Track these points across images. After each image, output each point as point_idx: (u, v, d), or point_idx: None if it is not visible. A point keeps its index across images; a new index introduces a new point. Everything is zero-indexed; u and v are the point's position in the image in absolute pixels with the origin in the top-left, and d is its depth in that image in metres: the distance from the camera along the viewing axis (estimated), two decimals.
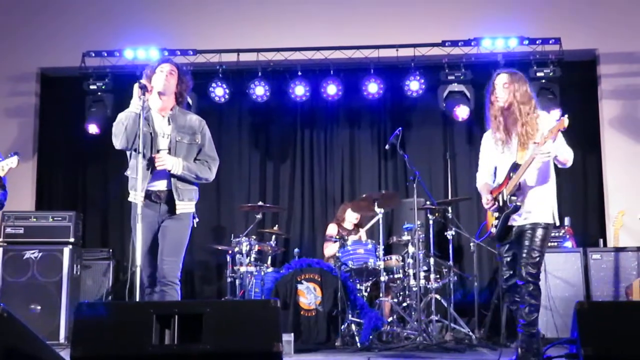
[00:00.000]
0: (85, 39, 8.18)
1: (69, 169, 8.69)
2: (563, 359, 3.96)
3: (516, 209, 4.43)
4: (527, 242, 4.39)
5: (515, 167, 4.46)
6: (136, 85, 4.38)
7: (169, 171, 4.40)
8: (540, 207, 4.46)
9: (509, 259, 4.56)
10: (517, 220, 4.50)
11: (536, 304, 4.32)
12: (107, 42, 8.07)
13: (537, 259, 4.36)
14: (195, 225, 4.62)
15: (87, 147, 8.33)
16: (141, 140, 4.25)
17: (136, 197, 4.32)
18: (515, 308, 4.53)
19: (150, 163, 4.36)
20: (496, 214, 4.60)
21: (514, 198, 4.43)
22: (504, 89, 4.52)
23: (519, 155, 4.48)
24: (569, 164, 4.49)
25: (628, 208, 7.21)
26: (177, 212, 4.43)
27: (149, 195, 4.42)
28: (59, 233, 7.02)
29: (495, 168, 4.72)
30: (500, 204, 4.55)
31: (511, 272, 4.53)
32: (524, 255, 4.37)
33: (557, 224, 4.57)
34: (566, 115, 4.18)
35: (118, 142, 4.44)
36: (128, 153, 4.55)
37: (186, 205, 4.50)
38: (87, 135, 7.88)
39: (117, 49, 7.97)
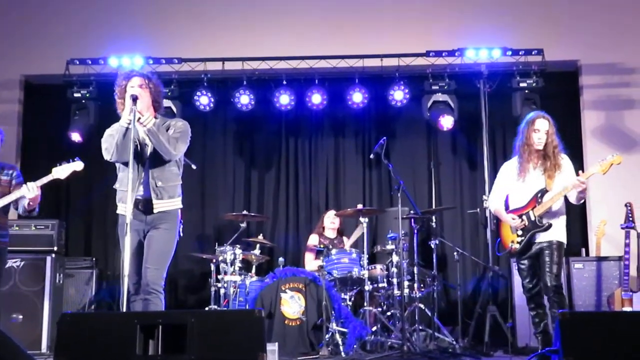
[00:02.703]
0: (69, 46, 8.15)
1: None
2: None
3: (548, 228, 5.10)
4: (548, 259, 5.07)
5: (543, 192, 5.15)
6: (128, 96, 4.42)
7: (144, 124, 4.43)
8: (558, 226, 5.17)
9: (531, 271, 5.22)
10: (539, 237, 5.16)
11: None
12: (92, 50, 8.04)
13: (558, 272, 5.05)
14: (182, 234, 4.62)
15: (70, 155, 8.15)
16: (132, 153, 4.28)
17: (125, 209, 4.32)
18: (535, 314, 5.20)
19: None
20: (520, 232, 5.21)
21: (545, 221, 5.11)
22: (545, 134, 5.18)
23: (548, 184, 5.16)
24: (579, 202, 5.22)
25: (610, 218, 7.27)
26: (156, 210, 4.46)
27: (136, 204, 4.46)
28: (42, 241, 6.97)
29: (507, 195, 5.39)
30: (527, 223, 5.18)
31: (533, 283, 5.20)
32: (548, 270, 5.04)
33: (566, 242, 5.23)
34: (618, 155, 5.02)
35: (109, 156, 4.49)
36: (117, 166, 4.59)
37: (167, 204, 4.52)
38: (70, 144, 7.83)
39: (102, 57, 7.94)
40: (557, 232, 5.16)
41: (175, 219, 4.59)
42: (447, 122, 7.82)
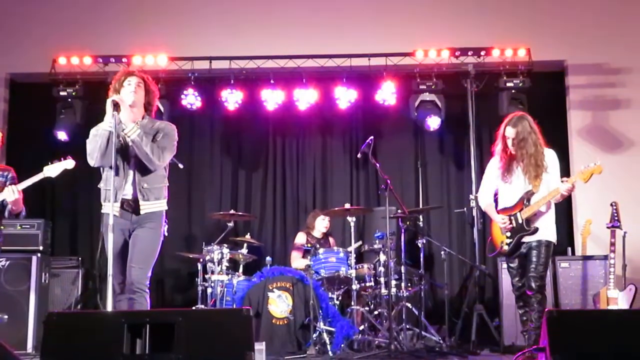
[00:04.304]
0: (55, 45, 8.09)
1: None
2: None
3: (534, 232, 5.12)
4: (534, 259, 5.09)
5: (530, 195, 5.14)
6: (109, 102, 4.39)
7: (128, 135, 4.40)
8: (547, 225, 5.18)
9: (520, 270, 5.23)
10: (528, 237, 5.17)
11: (544, 310, 4.85)
12: (78, 49, 7.99)
13: (543, 272, 5.09)
14: (166, 234, 4.61)
15: (56, 154, 8.16)
16: (113, 156, 4.27)
17: (112, 208, 4.30)
18: (523, 312, 5.22)
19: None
20: (508, 234, 5.22)
21: (532, 225, 5.12)
22: (512, 142, 5.15)
23: (534, 186, 5.13)
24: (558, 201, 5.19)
25: (595, 217, 7.31)
26: (142, 212, 4.45)
27: (122, 204, 4.46)
28: (27, 241, 6.92)
29: (496, 191, 5.40)
30: (514, 224, 5.19)
31: (522, 282, 5.19)
32: (532, 269, 5.07)
33: (555, 242, 5.23)
34: (600, 162, 4.97)
35: (93, 162, 4.48)
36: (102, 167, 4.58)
37: (153, 205, 4.52)
38: (56, 142, 7.78)
39: (88, 55, 7.90)
40: (547, 231, 5.17)
41: (160, 219, 4.59)
42: (433, 122, 7.85)
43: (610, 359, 3.13)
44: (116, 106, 4.37)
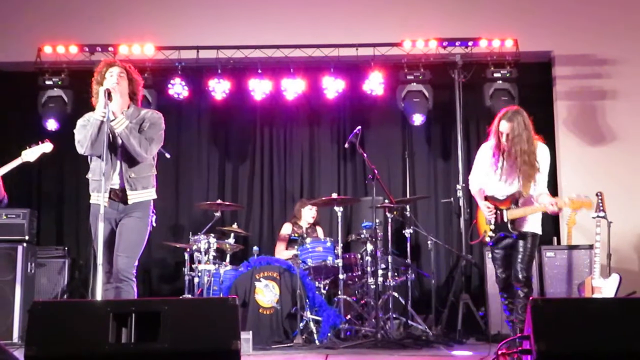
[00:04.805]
0: (40, 34, 8.02)
1: (23, 166, 8.51)
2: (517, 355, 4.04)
3: (517, 237, 5.07)
4: (521, 249, 5.06)
5: (519, 196, 5.07)
6: (101, 91, 4.36)
7: (116, 127, 4.38)
8: (533, 219, 5.12)
9: (505, 261, 5.18)
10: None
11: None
12: (64, 38, 7.93)
13: (530, 264, 5.08)
14: (154, 224, 4.61)
15: (41, 141, 8.16)
16: (105, 146, 4.25)
17: (99, 198, 4.29)
18: (507, 302, 5.20)
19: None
20: (492, 226, 5.18)
21: (517, 230, 5.06)
22: (507, 138, 5.02)
23: (525, 187, 5.04)
24: None
25: None
26: (130, 202, 4.45)
27: (110, 194, 4.45)
28: (13, 231, 6.90)
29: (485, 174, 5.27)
30: (499, 221, 5.14)
31: (507, 273, 5.16)
32: (519, 261, 5.04)
33: (541, 233, 5.19)
34: (590, 200, 4.99)
35: (83, 150, 4.45)
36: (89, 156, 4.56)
37: (141, 195, 4.51)
38: (43, 131, 7.71)
39: (74, 44, 7.84)
40: (533, 223, 5.14)
41: (148, 208, 4.58)
42: (418, 119, 7.89)
43: (594, 347, 3.15)
44: (109, 95, 4.35)
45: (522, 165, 4.99)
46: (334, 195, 7.11)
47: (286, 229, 7.67)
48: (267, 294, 6.55)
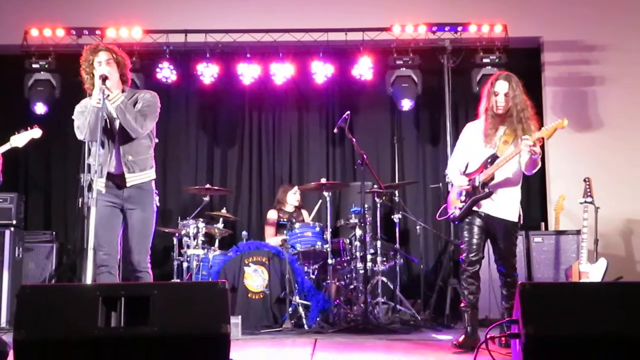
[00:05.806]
0: (27, 16, 7.94)
1: (11, 149, 8.44)
2: (506, 338, 4.07)
3: (487, 195, 4.77)
4: (506, 240, 4.82)
5: (494, 159, 4.78)
6: (97, 76, 4.37)
7: (112, 101, 4.40)
8: (512, 205, 4.84)
9: (480, 245, 4.85)
10: (485, 208, 4.83)
11: (513, 292, 4.57)
12: (50, 20, 7.84)
13: (514, 251, 4.88)
14: (158, 204, 4.65)
15: (30, 127, 8.10)
16: (100, 132, 4.25)
17: (98, 183, 4.30)
18: (475, 287, 4.88)
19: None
20: (462, 197, 4.91)
21: (487, 190, 4.76)
22: (505, 97, 4.78)
23: (500, 149, 4.77)
24: (532, 172, 4.82)
25: (569, 193, 7.39)
26: (128, 184, 4.49)
27: (109, 178, 4.47)
28: (0, 215, 6.87)
29: (467, 163, 5.00)
30: (471, 189, 4.86)
31: (477, 258, 4.85)
32: (506, 252, 4.84)
33: (521, 222, 4.92)
34: (565, 119, 4.65)
35: (82, 136, 4.44)
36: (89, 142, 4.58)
37: (139, 177, 4.55)
38: (31, 115, 7.64)
39: (61, 27, 7.77)
40: (511, 210, 4.82)
41: (151, 194, 4.64)
42: (407, 104, 7.89)
43: (581, 331, 3.18)
44: (104, 80, 4.35)
45: (518, 125, 4.75)
46: (323, 180, 7.10)
47: (271, 215, 7.66)
48: (256, 278, 6.55)
